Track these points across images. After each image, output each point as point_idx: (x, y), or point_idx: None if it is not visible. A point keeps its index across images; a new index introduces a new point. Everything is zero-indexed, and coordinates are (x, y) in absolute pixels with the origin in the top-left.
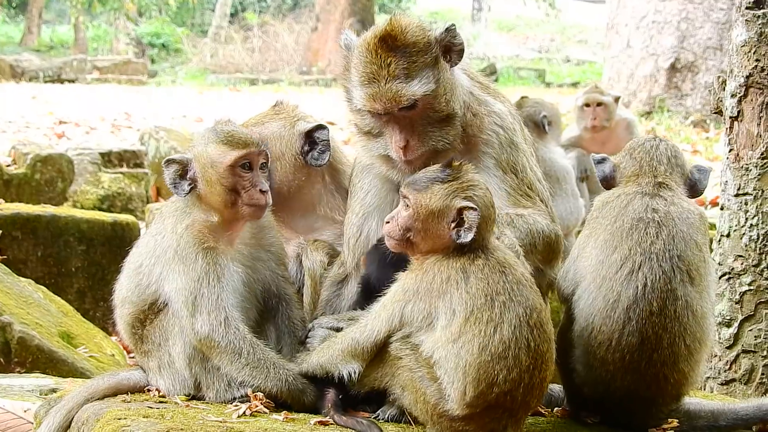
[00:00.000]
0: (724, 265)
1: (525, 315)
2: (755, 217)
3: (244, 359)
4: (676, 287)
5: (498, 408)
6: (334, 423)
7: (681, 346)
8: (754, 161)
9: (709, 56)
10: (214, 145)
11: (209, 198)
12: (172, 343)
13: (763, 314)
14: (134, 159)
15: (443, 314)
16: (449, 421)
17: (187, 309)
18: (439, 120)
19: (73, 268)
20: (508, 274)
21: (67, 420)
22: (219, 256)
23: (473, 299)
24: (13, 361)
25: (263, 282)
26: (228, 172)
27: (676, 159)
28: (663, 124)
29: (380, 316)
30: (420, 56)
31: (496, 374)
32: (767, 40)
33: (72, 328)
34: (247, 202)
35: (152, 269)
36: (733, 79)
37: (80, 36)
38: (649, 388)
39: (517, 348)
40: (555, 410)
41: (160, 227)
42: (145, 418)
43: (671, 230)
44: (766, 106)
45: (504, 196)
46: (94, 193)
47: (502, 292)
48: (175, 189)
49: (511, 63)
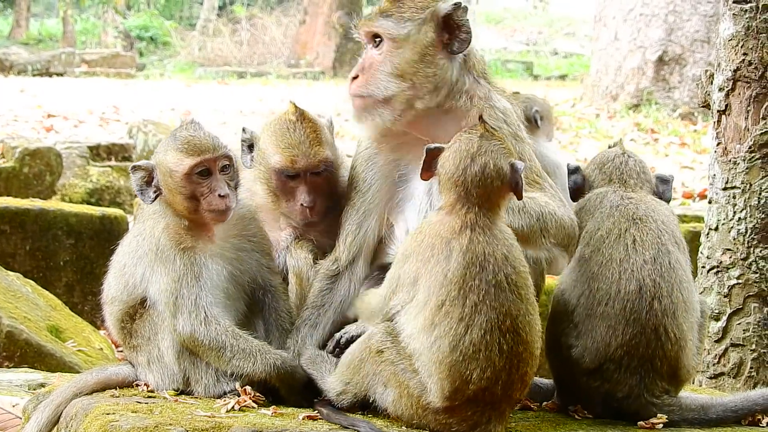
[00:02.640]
0: (712, 259)
1: (497, 320)
2: (743, 211)
3: (229, 352)
4: (666, 243)
5: (479, 402)
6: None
7: (679, 297)
8: (742, 155)
9: (696, 49)
10: (171, 152)
11: (173, 204)
12: (161, 337)
13: (752, 308)
14: (123, 152)
15: (422, 287)
16: (433, 415)
17: (168, 310)
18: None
19: (62, 261)
20: (488, 271)
21: (56, 415)
22: (197, 255)
23: (448, 286)
24: (1, 355)
25: (250, 273)
26: (185, 181)
27: (645, 174)
28: (651, 117)
29: (387, 278)
30: (410, 8)
31: (470, 373)
32: (754, 33)
33: (60, 322)
34: (206, 208)
35: (135, 270)
36: (721, 73)
37: (68, 29)
38: (649, 344)
39: (488, 351)
40: (544, 404)
41: (140, 228)
42: (133, 413)
43: (649, 205)
44: (753, 100)
45: None
46: (82, 187)
47: (476, 291)
48: (142, 196)
49: (499, 56)
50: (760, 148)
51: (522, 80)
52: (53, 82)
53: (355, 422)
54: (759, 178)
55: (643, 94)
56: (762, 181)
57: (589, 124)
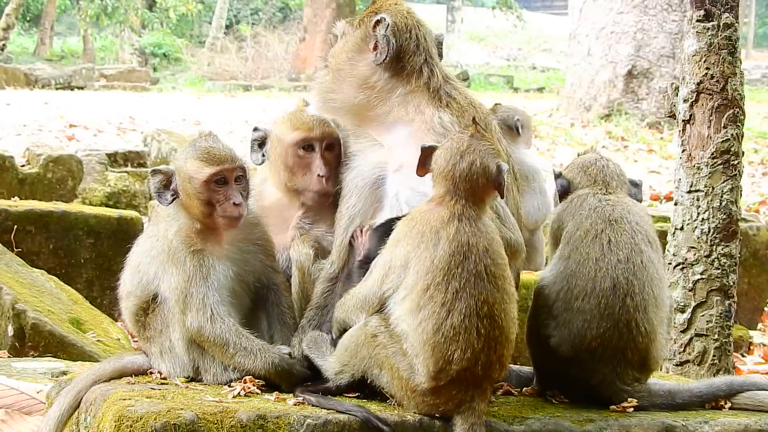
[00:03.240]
0: (678, 256)
1: (476, 306)
2: (706, 212)
3: (232, 348)
4: (639, 243)
5: (462, 381)
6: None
7: (650, 294)
8: (705, 161)
9: (662, 64)
10: (192, 160)
11: (189, 208)
12: (172, 330)
13: (715, 301)
14: (138, 159)
15: (412, 271)
16: (421, 396)
17: (179, 306)
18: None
19: (82, 259)
20: (470, 261)
21: (77, 400)
22: (206, 257)
23: (434, 272)
24: (27, 345)
25: (254, 273)
26: (203, 187)
27: (623, 176)
28: (621, 126)
29: (377, 264)
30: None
31: (451, 353)
32: (716, 49)
33: (81, 315)
34: (221, 215)
35: (149, 268)
36: (686, 86)
37: (89, 46)
38: (622, 336)
39: (467, 334)
40: (524, 390)
41: (155, 230)
42: (147, 398)
43: (625, 207)
44: (715, 110)
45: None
46: (101, 191)
47: (458, 279)
48: (159, 198)
49: (482, 70)
50: (721, 155)
51: (503, 92)
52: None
53: (351, 408)
54: (720, 182)
55: (614, 105)
56: (723, 184)
57: (564, 132)
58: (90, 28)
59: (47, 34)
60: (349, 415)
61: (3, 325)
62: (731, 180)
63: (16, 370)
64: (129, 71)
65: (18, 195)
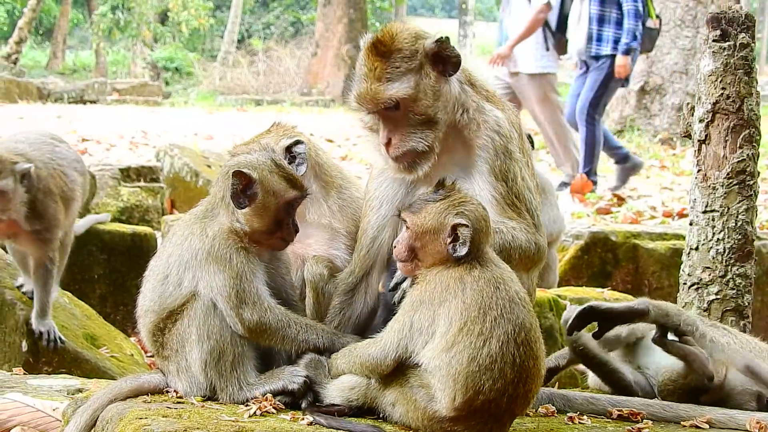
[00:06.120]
0: (693, 276)
1: (513, 332)
2: (721, 232)
3: (294, 328)
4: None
5: (484, 413)
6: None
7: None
8: (721, 181)
9: (675, 80)
10: (277, 177)
11: (256, 219)
12: (189, 349)
13: (729, 321)
14: (151, 174)
15: (442, 321)
16: (438, 422)
17: (230, 304)
18: (420, 123)
19: (96, 275)
20: (501, 290)
21: (93, 419)
22: (250, 255)
23: (468, 310)
24: (41, 361)
25: (275, 288)
26: (284, 207)
27: None
28: (634, 142)
29: (393, 328)
30: (404, 62)
31: (483, 384)
32: (732, 69)
33: (95, 330)
34: (281, 236)
35: (183, 275)
36: (701, 106)
37: (101, 60)
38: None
39: (503, 362)
40: (539, 409)
41: (183, 235)
42: (164, 417)
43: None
44: (731, 131)
45: (493, 204)
46: (114, 205)
47: (495, 307)
48: (235, 199)
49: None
50: (737, 175)
51: None
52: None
53: (365, 429)
54: (736, 202)
55: (627, 120)
56: (739, 205)
57: None
58: (102, 42)
59: (59, 48)
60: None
61: (17, 340)
62: (746, 200)
63: (32, 388)
64: (141, 85)
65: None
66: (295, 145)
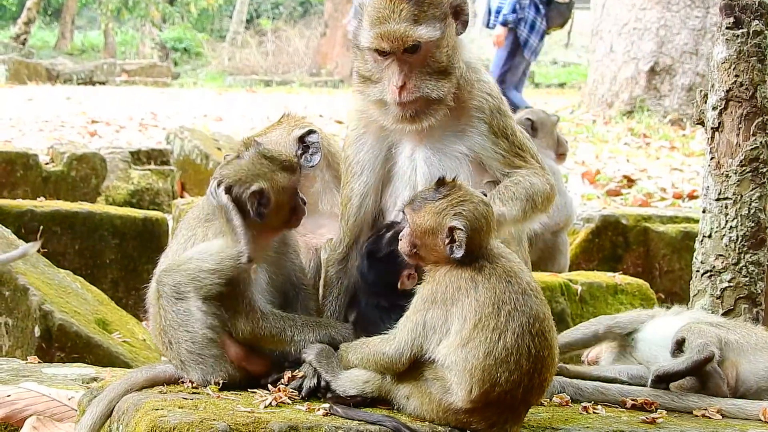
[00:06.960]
0: (706, 264)
1: (528, 324)
2: (734, 220)
3: (290, 331)
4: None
5: (499, 404)
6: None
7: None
8: (734, 168)
9: (685, 60)
10: (279, 171)
11: (274, 218)
12: None
13: (742, 308)
14: (161, 157)
15: (456, 320)
16: (454, 414)
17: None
18: (438, 71)
19: (108, 260)
20: (513, 283)
21: (109, 409)
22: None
23: (482, 307)
24: (54, 347)
25: (286, 274)
26: (292, 194)
27: None
28: (643, 123)
29: (405, 326)
30: (431, 8)
31: (499, 376)
32: (746, 57)
33: (107, 316)
34: (297, 217)
35: None
36: (714, 93)
37: (109, 41)
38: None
39: (518, 354)
40: (554, 398)
41: (186, 236)
42: (180, 408)
43: None
44: (744, 118)
45: (499, 158)
46: (124, 189)
47: (508, 301)
48: (259, 217)
49: None
50: (750, 162)
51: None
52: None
53: (380, 419)
54: (749, 189)
55: (636, 101)
56: (752, 192)
57: (586, 129)
58: (111, 22)
59: (68, 28)
60: (380, 425)
61: (30, 326)
62: (760, 188)
63: (47, 377)
64: (150, 66)
65: (42, 193)
66: (308, 134)
